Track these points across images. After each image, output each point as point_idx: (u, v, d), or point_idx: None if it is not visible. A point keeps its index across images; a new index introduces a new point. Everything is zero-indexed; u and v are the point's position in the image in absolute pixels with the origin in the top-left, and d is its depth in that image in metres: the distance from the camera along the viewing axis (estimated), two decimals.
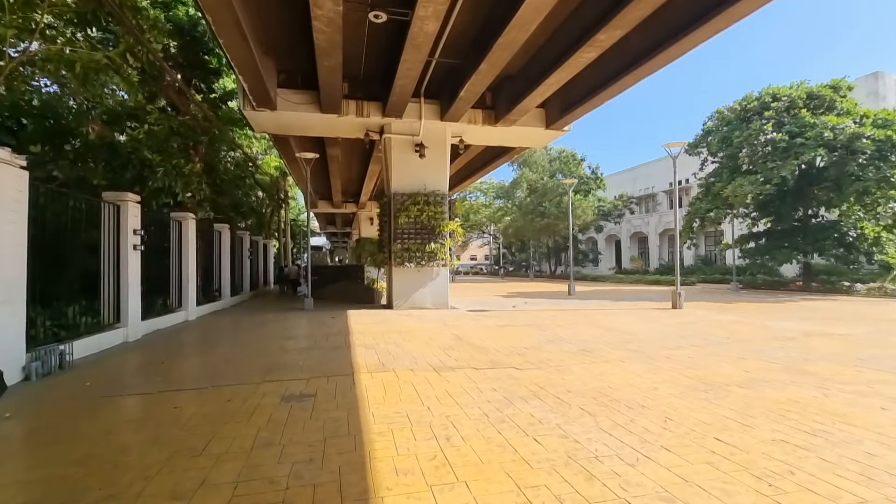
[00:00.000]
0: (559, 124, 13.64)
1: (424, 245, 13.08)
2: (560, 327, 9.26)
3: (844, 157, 15.77)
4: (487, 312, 12.30)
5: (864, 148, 15.47)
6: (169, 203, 10.34)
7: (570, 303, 15.22)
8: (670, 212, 37.76)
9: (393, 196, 13.15)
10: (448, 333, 8.53)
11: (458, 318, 11.04)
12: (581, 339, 7.86)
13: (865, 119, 16.27)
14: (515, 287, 26.15)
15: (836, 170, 16.25)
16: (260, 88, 10.83)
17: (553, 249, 40.95)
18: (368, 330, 8.99)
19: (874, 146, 15.42)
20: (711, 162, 21.74)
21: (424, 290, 13.34)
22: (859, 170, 15.47)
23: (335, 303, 15.06)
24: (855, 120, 16.30)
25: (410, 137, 13.29)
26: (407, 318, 11.05)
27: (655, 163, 40.10)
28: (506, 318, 10.86)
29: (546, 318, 10.96)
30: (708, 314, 11.58)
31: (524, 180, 34.45)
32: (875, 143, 15.45)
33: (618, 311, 12.36)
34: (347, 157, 19.53)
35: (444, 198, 13.46)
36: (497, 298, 17.68)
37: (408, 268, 13.03)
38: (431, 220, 13.20)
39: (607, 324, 9.82)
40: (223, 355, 6.85)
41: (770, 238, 20.47)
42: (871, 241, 17.60)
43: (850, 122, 16.11)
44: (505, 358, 6.26)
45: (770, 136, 16.72)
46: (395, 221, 13.07)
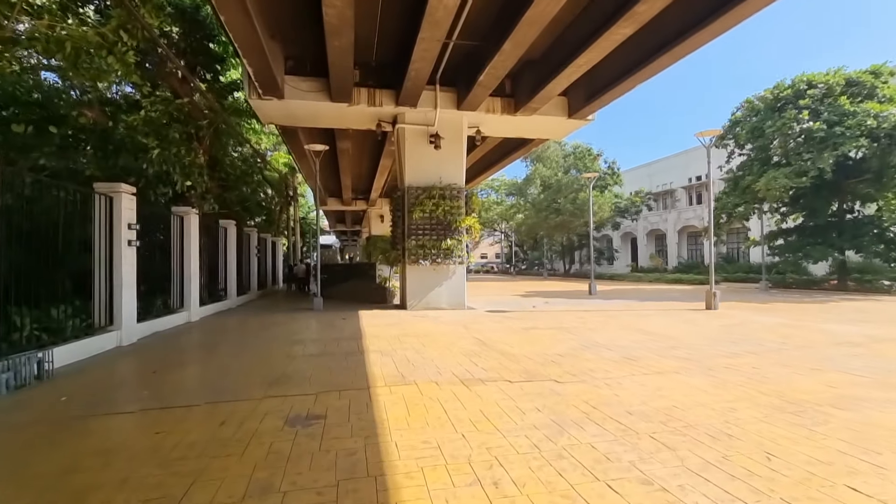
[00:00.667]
0: (583, 113, 12.79)
1: (440, 241, 12.33)
2: (591, 331, 8.46)
3: (888, 147, 14.71)
4: (508, 313, 11.51)
5: None
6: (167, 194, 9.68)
7: (594, 303, 14.37)
8: (689, 208, 36.62)
9: (407, 190, 12.42)
10: (469, 337, 7.78)
11: (477, 319, 10.28)
12: (619, 344, 7.05)
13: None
14: (530, 286, 25.31)
15: (878, 161, 15.18)
16: (266, 74, 10.15)
17: (567, 247, 39.98)
18: (382, 333, 8.27)
19: None
20: (738, 154, 20.67)
21: (440, 290, 12.59)
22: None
23: (346, 303, 14.38)
24: None
25: (425, 128, 12.54)
26: (423, 319, 10.31)
27: (673, 158, 38.91)
28: (529, 320, 10.07)
29: (572, 319, 10.15)
30: (749, 315, 10.68)
31: (538, 176, 33.53)
32: None
33: (648, 312, 11.50)
34: (358, 151, 18.83)
35: (461, 192, 12.70)
36: (514, 298, 16.89)
37: (422, 266, 12.29)
38: (447, 215, 12.44)
39: (642, 326, 8.99)
40: (223, 363, 6.16)
41: (802, 234, 19.40)
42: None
43: (895, 109, 15.03)
44: (540, 368, 5.49)
45: (806, 126, 15.69)
46: (408, 217, 12.33)
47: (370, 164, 21.38)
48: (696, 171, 36.44)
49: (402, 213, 12.62)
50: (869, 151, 15.05)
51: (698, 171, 36.14)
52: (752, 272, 27.38)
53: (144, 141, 8.55)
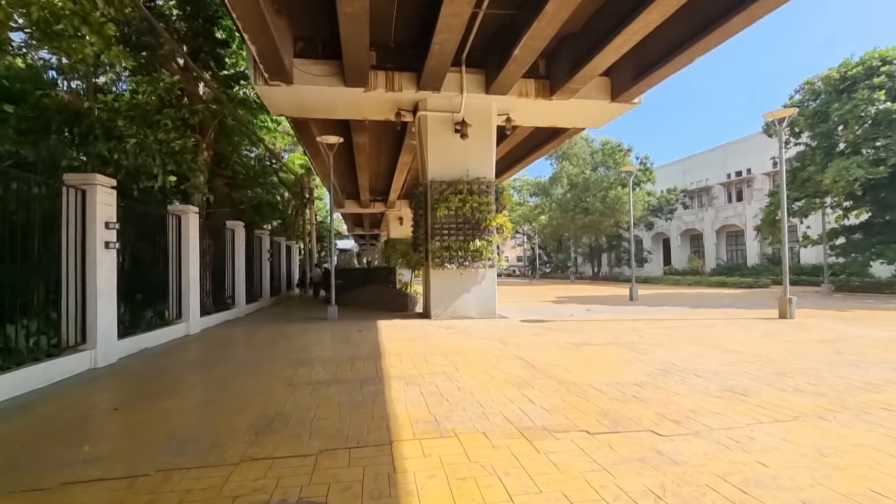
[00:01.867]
0: (629, 94, 11.27)
1: (468, 242, 10.97)
2: (658, 347, 6.95)
3: None
4: (547, 324, 10.05)
5: None
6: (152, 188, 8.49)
7: (640, 310, 12.76)
8: (729, 206, 34.33)
9: (430, 185, 11.10)
10: (511, 356, 6.37)
11: (513, 331, 8.85)
12: (704, 367, 5.54)
13: None
14: (560, 291, 23.69)
15: None
16: (272, 55, 8.99)
17: (595, 249, 38.08)
18: (405, 350, 6.93)
19: None
20: (794, 144, 18.73)
21: (468, 297, 11.21)
22: None
23: (363, 311, 13.12)
24: None
25: (450, 115, 11.21)
26: (450, 331, 8.94)
27: (709, 153, 36.69)
28: (576, 333, 8.59)
29: (627, 332, 8.63)
30: (839, 326, 8.97)
31: (564, 174, 31.87)
32: None
33: (711, 322, 9.88)
34: (375, 146, 17.63)
35: (491, 186, 11.32)
36: (547, 304, 15.37)
37: (448, 269, 10.94)
38: (475, 212, 11.07)
39: (716, 341, 7.43)
40: (207, 394, 4.90)
41: (869, 232, 17.35)
42: None
43: None
44: (621, 407, 4.05)
45: (883, 107, 13.81)
46: (431, 215, 11.01)
47: (388, 161, 20.18)
48: (735, 167, 34.20)
49: (424, 210, 11.30)
50: None
51: (738, 166, 33.90)
52: (804, 274, 25.17)
53: (122, 126, 7.43)
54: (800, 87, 17.68)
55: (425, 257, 11.26)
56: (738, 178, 33.67)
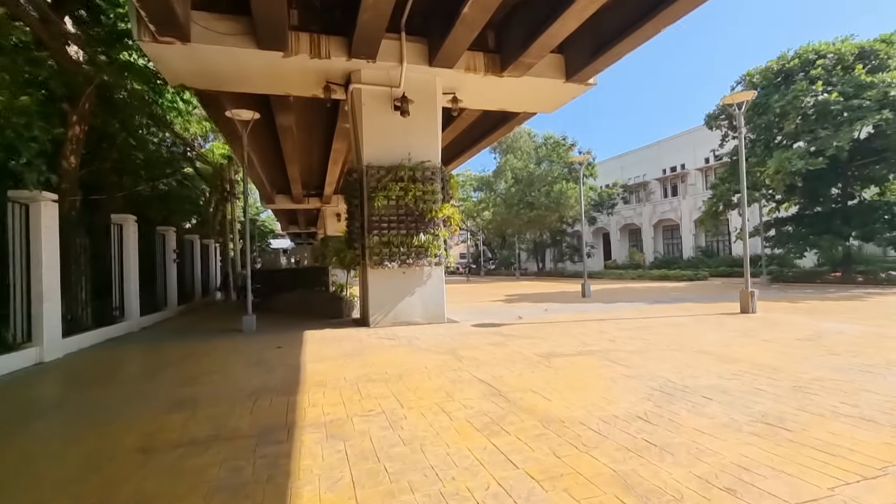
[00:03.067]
0: (585, 73, 10.31)
1: (411, 237, 9.50)
2: (637, 356, 5.89)
3: None
4: (503, 329, 8.82)
5: None
6: None
7: (598, 309, 11.94)
8: (665, 201, 35.38)
9: (365, 170, 9.50)
10: (470, 378, 5.01)
11: (467, 340, 7.52)
12: (708, 384, 4.48)
13: None
14: (508, 288, 22.84)
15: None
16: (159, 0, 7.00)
17: (539, 245, 37.92)
18: (333, 375, 5.35)
19: None
20: (732, 137, 19.01)
21: (412, 300, 9.75)
22: None
23: (289, 319, 11.26)
24: None
25: (388, 90, 9.68)
26: (392, 343, 7.44)
27: (645, 149, 37.73)
28: (539, 339, 7.41)
29: (595, 336, 7.59)
30: (808, 321, 8.49)
31: (508, 168, 31.19)
32: None
33: (678, 321, 9.13)
34: (305, 131, 15.64)
35: (436, 172, 9.91)
36: (498, 304, 14.26)
37: (388, 268, 9.41)
38: (419, 202, 9.63)
39: (696, 344, 6.53)
40: (4, 473, 3.07)
41: (801, 223, 17.91)
42: None
43: None
44: (638, 464, 2.79)
45: (822, 98, 14.03)
46: (368, 205, 9.42)
47: (321, 150, 18.18)
48: (670, 162, 35.35)
49: (360, 201, 9.68)
50: (889, 127, 13.45)
51: (672, 162, 35.06)
52: (736, 266, 26.15)
53: None
54: (740, 79, 17.96)
55: (361, 255, 9.66)
56: (673, 173, 34.87)
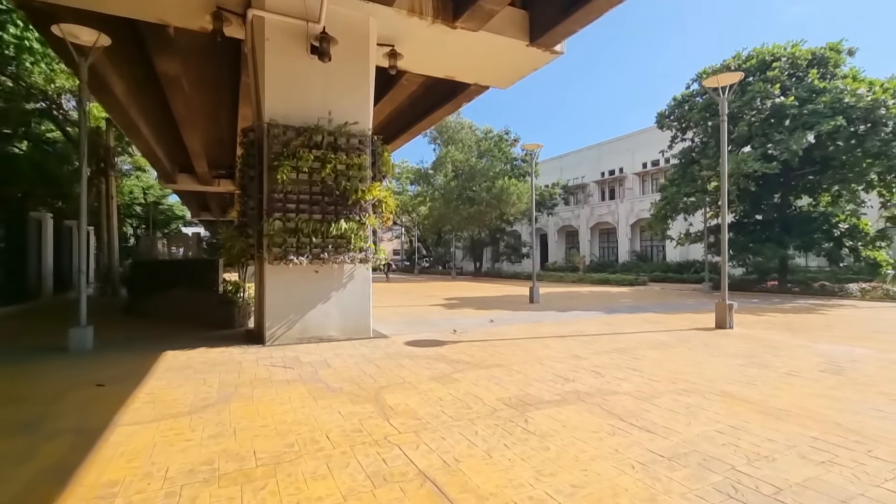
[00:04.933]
0: (552, 36, 8.45)
1: (328, 224, 7.09)
2: (649, 406, 4.06)
3: (865, 131, 12.99)
4: (447, 349, 6.71)
5: (887, 119, 12.81)
6: None
7: (553, 319, 10.23)
8: (603, 204, 35.36)
9: (267, 130, 6.93)
10: (405, 470, 2.81)
11: (400, 372, 5.30)
12: (808, 479, 2.64)
13: (875, 87, 13.72)
14: (445, 289, 20.85)
15: (847, 145, 13.42)
16: None
17: (477, 243, 36.44)
18: (142, 466, 2.88)
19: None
20: (681, 139, 18.45)
21: (327, 307, 7.34)
22: (882, 145, 12.76)
23: (158, 328, 8.36)
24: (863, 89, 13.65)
25: (303, 24, 7.17)
26: (287, 377, 5.04)
27: (585, 151, 37.58)
28: (498, 371, 5.38)
29: (570, 365, 5.72)
30: (810, 344, 7.24)
31: (449, 160, 29.25)
32: None
33: (657, 340, 7.57)
34: (200, 88, 12.45)
35: (366, 141, 7.57)
36: (437, 310, 12.16)
37: (295, 265, 6.93)
38: (341, 178, 7.24)
39: (710, 382, 4.85)
40: None
41: (741, 231, 17.68)
42: (872, 236, 15.37)
43: (863, 88, 13.45)
44: None
45: (778, 101, 13.50)
46: (270, 178, 6.88)
47: (228, 117, 14.94)
48: (608, 165, 35.39)
49: (257, 172, 7.10)
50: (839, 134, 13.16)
51: (611, 165, 35.11)
52: (671, 271, 26.28)
53: None
54: (696, 78, 17.39)
55: (257, 245, 7.08)
56: (612, 176, 34.95)
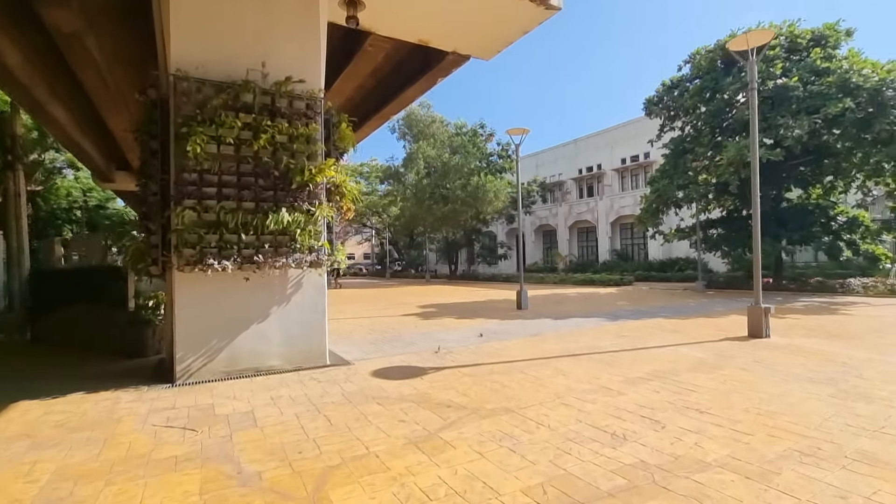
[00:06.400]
0: None
1: (264, 215, 5.21)
2: (761, 486, 2.41)
3: (872, 114, 12.01)
4: (429, 380, 4.95)
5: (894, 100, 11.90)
6: None
7: (553, 330, 8.61)
8: (581, 201, 34.27)
9: (174, 84, 5.01)
10: None
11: (364, 429, 3.50)
12: None
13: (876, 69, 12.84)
14: (420, 294, 19.05)
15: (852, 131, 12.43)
16: None
17: (452, 244, 34.73)
18: None
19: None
20: (669, 128, 17.31)
21: (265, 328, 5.44)
22: (892, 129, 11.82)
23: (47, 358, 6.25)
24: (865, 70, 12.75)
25: None
26: (178, 451, 3.15)
27: (561, 147, 36.53)
28: (509, 422, 3.67)
29: (602, 403, 4.10)
30: (880, 357, 5.85)
31: (420, 156, 27.44)
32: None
33: (688, 355, 6.05)
34: (116, 58, 10.16)
35: (316, 104, 5.73)
36: (412, 320, 10.36)
37: (217, 272, 4.99)
38: (282, 153, 5.39)
39: (806, 428, 3.28)
40: None
41: (731, 226, 16.66)
42: (875, 229, 14.54)
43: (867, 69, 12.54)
44: None
45: (780, 82, 12.42)
46: (178, 151, 4.96)
47: None
48: (586, 162, 34.41)
49: (160, 142, 5.14)
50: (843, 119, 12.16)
51: (588, 162, 34.14)
52: (653, 270, 25.32)
53: None
54: (689, 59, 16.25)
55: (160, 245, 5.12)
56: (590, 173, 33.99)
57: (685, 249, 23.79)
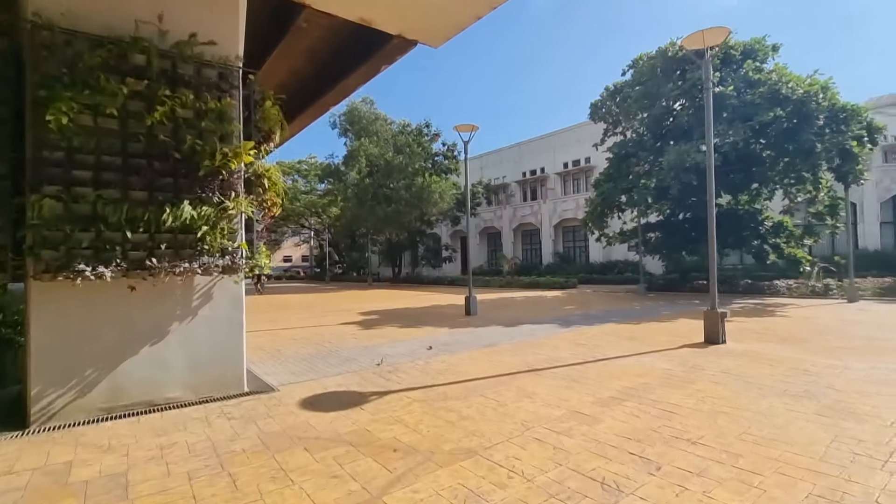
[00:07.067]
0: None
1: (160, 208, 4.11)
2: None
3: (797, 125, 12.65)
4: (369, 410, 4.09)
5: (818, 112, 12.61)
6: None
7: (507, 340, 8.01)
8: (525, 204, 34.43)
9: (32, 35, 3.79)
10: None
11: (282, 496, 2.57)
12: None
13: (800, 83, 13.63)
14: (362, 299, 17.95)
15: (780, 140, 13.06)
16: None
17: (395, 247, 33.64)
18: None
19: (826, 111, 12.71)
20: (612, 133, 17.52)
21: (161, 351, 4.32)
22: (816, 139, 12.51)
23: None
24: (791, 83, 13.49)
25: None
26: None
27: (506, 150, 36.60)
28: (470, 471, 2.90)
29: (572, 432, 3.46)
30: (834, 362, 5.73)
31: (362, 154, 26.20)
32: (827, 109, 12.75)
33: (654, 366, 5.65)
34: None
35: (232, 76, 4.69)
36: (351, 330, 9.36)
37: (90, 282, 3.83)
38: (187, 132, 4.30)
39: (809, 460, 2.82)
40: None
41: (669, 230, 17.12)
42: (798, 234, 15.41)
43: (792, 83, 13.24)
44: None
45: (718, 90, 12.76)
46: (36, 121, 3.74)
47: None
48: (530, 165, 34.70)
49: (11, 109, 3.90)
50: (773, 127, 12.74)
51: (532, 165, 34.45)
52: (594, 272, 25.83)
53: None
54: (632, 64, 16.50)
55: (9, 246, 3.87)
56: (533, 176, 34.32)
57: (624, 252, 24.45)
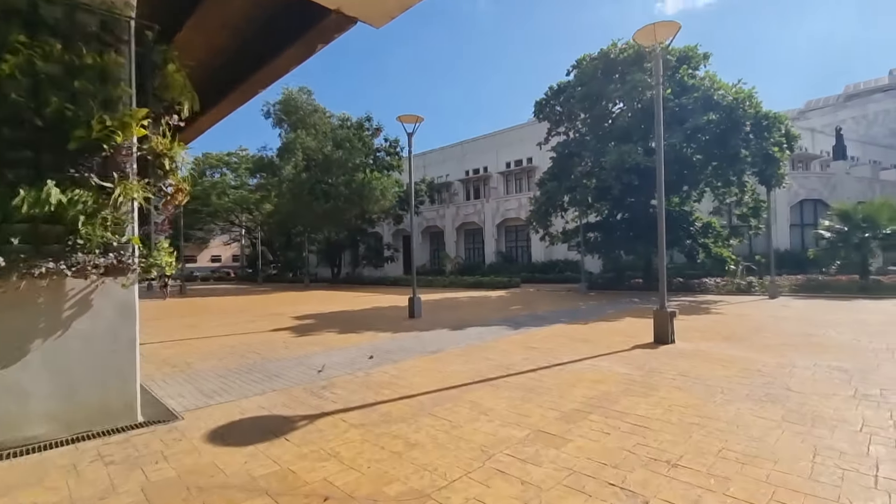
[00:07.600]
0: None
1: (11, 189, 3.12)
2: None
3: (727, 130, 13.27)
4: (295, 441, 3.36)
5: (745, 119, 13.29)
6: None
7: (453, 345, 7.48)
8: (469, 203, 34.22)
9: None
10: None
11: None
12: None
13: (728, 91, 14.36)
14: (298, 302, 16.74)
15: (711, 144, 13.66)
16: None
17: (334, 246, 32.13)
18: None
19: (752, 118, 13.43)
20: (555, 133, 17.60)
21: (14, 372, 3.33)
22: (743, 144, 13.18)
23: None
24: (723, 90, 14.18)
25: None
26: None
27: (449, 149, 36.28)
28: None
29: (539, 459, 2.98)
30: (778, 360, 5.72)
31: (299, 147, 24.65)
32: (753, 116, 13.47)
33: (606, 370, 5.36)
34: None
35: (120, 28, 3.74)
36: (282, 338, 8.41)
37: None
38: (52, 92, 3.32)
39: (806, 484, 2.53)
40: None
41: (608, 229, 17.54)
42: (725, 234, 16.25)
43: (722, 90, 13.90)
44: None
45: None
46: None
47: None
48: (473, 164, 34.62)
49: None
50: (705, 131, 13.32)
51: (475, 164, 34.39)
52: (536, 271, 26.12)
53: None
54: (576, 64, 16.61)
55: None
56: (476, 175, 34.26)
57: (564, 252, 24.93)
